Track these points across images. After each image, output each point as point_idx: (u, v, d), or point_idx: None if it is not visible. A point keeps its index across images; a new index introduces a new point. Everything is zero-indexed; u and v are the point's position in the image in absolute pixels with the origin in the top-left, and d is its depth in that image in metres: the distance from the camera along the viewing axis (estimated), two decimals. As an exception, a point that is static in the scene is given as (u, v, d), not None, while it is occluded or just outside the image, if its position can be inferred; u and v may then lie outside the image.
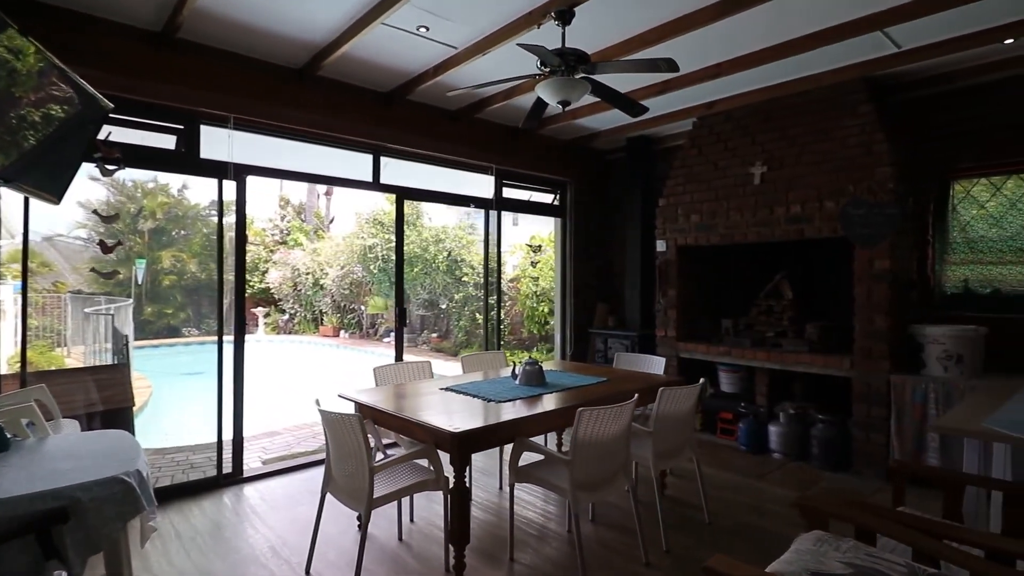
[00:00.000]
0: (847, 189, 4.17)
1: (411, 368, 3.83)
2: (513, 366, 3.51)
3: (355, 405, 3.10)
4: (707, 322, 5.38)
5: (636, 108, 3.39)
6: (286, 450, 5.04)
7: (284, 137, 4.24)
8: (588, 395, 3.16)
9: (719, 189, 4.97)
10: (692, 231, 5.13)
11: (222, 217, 3.91)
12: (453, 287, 11.19)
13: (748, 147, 4.83)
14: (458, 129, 5.13)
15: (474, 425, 2.52)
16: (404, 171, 5.02)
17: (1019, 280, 3.99)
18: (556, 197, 6.34)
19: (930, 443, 3.78)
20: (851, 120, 4.24)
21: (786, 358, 4.49)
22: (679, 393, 3.10)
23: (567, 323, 6.27)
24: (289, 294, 15.52)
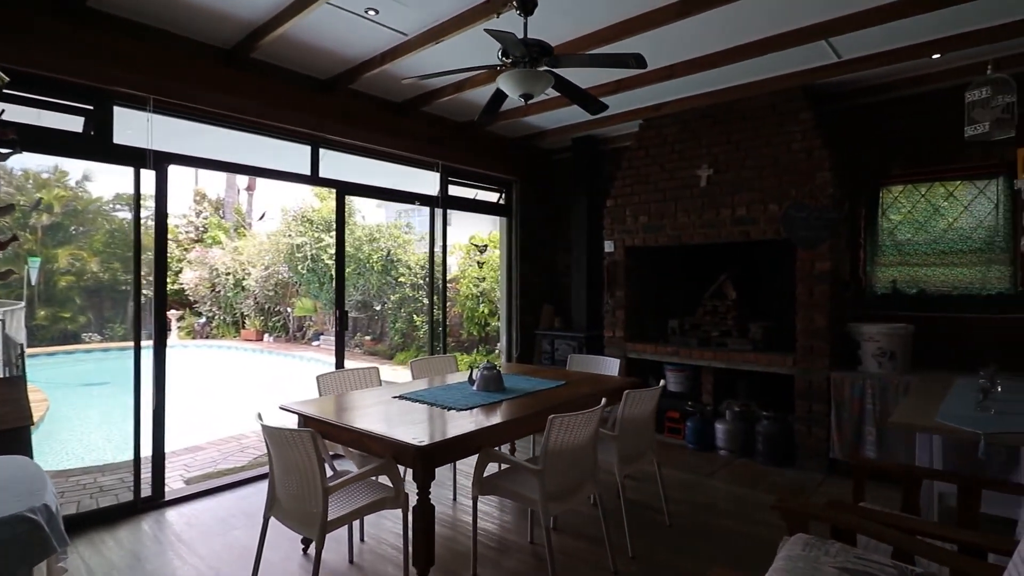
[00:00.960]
0: (789, 193, 4.31)
1: (357, 375, 3.57)
2: (470, 371, 3.34)
3: (299, 418, 2.83)
4: (653, 322, 5.43)
5: (596, 105, 3.32)
6: (212, 467, 4.60)
7: (212, 123, 3.85)
8: (550, 400, 3.04)
9: (667, 190, 5.02)
10: (640, 232, 5.16)
11: (139, 210, 3.47)
12: (388, 288, 10.81)
13: (694, 150, 4.91)
14: (403, 123, 4.89)
15: (439, 437, 2.33)
16: (345, 165, 4.71)
17: (942, 281, 4.28)
18: (502, 196, 6.21)
19: (867, 437, 3.96)
20: (792, 126, 4.39)
21: (732, 357, 4.59)
22: (643, 396, 3.05)
23: (513, 324, 6.15)
24: (207, 296, 14.48)
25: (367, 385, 3.56)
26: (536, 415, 2.78)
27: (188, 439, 5.36)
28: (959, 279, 4.22)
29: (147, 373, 3.56)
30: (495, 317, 9.07)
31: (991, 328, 4.04)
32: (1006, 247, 4.05)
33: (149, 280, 3.77)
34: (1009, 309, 4.00)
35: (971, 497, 2.31)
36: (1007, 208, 4.06)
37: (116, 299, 12.72)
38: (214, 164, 3.84)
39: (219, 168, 3.87)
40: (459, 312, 9.82)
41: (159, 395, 3.60)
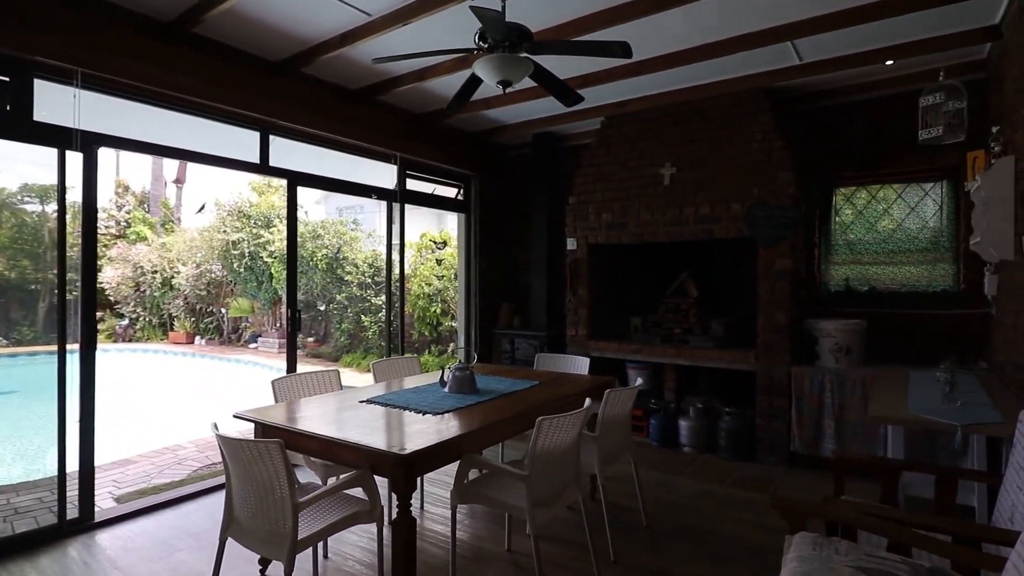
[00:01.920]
0: (751, 192, 4.38)
1: (316, 379, 3.31)
2: (442, 372, 3.16)
3: (256, 427, 2.57)
4: (615, 320, 5.42)
5: (572, 96, 3.22)
6: (146, 482, 4.19)
7: (150, 103, 3.48)
8: (529, 401, 2.91)
9: (630, 188, 5.00)
10: (603, 230, 5.12)
11: (64, 197, 3.07)
12: (334, 287, 10.36)
13: (657, 148, 4.92)
14: (359, 111, 4.63)
15: (421, 443, 2.15)
16: (297, 154, 4.41)
17: (891, 279, 4.47)
18: (460, 192, 6.04)
19: (826, 430, 4.07)
20: (753, 127, 4.47)
21: (695, 354, 4.62)
22: (624, 395, 2.97)
23: (472, 324, 5.99)
24: (130, 296, 13.45)
25: (327, 389, 3.31)
26: (518, 417, 2.65)
27: (116, 451, 4.87)
28: (907, 277, 4.42)
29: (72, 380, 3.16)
30: (448, 317, 8.86)
31: (937, 323, 4.25)
32: (949, 247, 4.27)
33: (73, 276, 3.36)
34: (953, 306, 4.21)
35: (948, 487, 2.37)
36: (950, 210, 4.29)
37: (24, 300, 11.55)
38: (152, 148, 3.48)
39: (158, 153, 3.51)
40: (410, 312, 9.53)
41: (87, 404, 3.21)
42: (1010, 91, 3.20)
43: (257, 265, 11.46)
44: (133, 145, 3.39)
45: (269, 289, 11.64)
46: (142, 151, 3.42)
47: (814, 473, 4.09)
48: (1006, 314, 3.27)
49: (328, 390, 3.31)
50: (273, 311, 12.21)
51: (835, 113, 4.65)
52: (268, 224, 11.46)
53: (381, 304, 9.67)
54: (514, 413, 2.67)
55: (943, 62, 3.94)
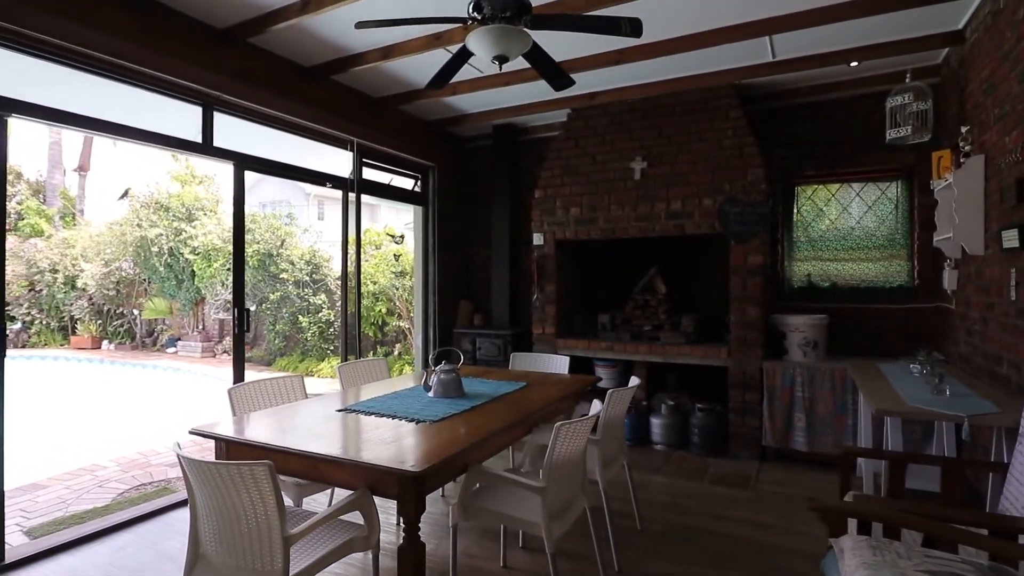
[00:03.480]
0: (723, 188, 4.38)
1: (278, 387, 2.93)
2: (425, 375, 2.87)
3: (218, 444, 2.19)
4: (582, 318, 5.29)
5: (564, 79, 3.03)
6: (62, 510, 3.61)
7: (74, 66, 2.95)
8: (525, 404, 2.70)
9: (599, 183, 4.89)
10: (571, 225, 4.97)
11: (-35, 170, 2.53)
12: (267, 285, 9.65)
13: (626, 142, 4.83)
14: (313, 91, 4.22)
15: (429, 457, 1.88)
16: (244, 136, 3.95)
17: (851, 275, 4.61)
18: (418, 183, 5.71)
19: (797, 423, 4.12)
20: (724, 123, 4.47)
21: (667, 351, 4.57)
22: (625, 394, 2.82)
23: (430, 323, 5.67)
24: (23, 296, 11.98)
25: (292, 398, 2.94)
26: (517, 422, 2.43)
27: (20, 475, 4.19)
28: (866, 273, 4.57)
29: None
30: (394, 316, 8.45)
31: (894, 317, 4.42)
32: (905, 244, 4.45)
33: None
34: (909, 300, 4.39)
35: (954, 478, 2.38)
36: (905, 208, 4.47)
37: None
38: (78, 120, 2.94)
39: (84, 126, 2.98)
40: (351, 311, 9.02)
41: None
42: (977, 92, 3.33)
43: (177, 263, 10.50)
44: (54, 115, 2.86)
45: (191, 288, 10.70)
46: (65, 123, 2.89)
47: (786, 466, 4.13)
48: (972, 307, 3.40)
49: (292, 398, 2.94)
50: (195, 312, 11.24)
51: (797, 112, 4.74)
52: (190, 217, 10.53)
53: (320, 303, 9.11)
54: (513, 418, 2.44)
55: (899, 66, 4.09)
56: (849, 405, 3.97)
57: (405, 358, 8.20)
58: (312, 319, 9.03)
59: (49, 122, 2.83)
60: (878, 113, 4.42)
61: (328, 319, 9.04)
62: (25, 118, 2.71)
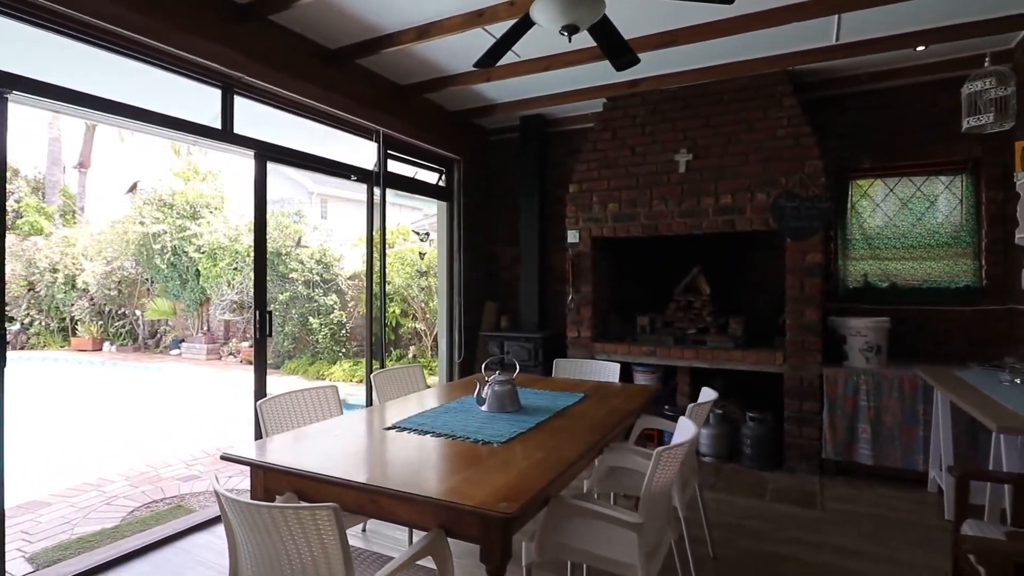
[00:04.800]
0: (778, 181, 4.07)
1: (312, 400, 2.62)
2: (478, 387, 2.56)
3: (257, 473, 1.89)
4: (617, 320, 4.98)
5: (630, 56, 2.73)
6: (66, 531, 3.30)
7: (79, 38, 2.64)
8: (592, 420, 2.40)
9: (639, 176, 4.58)
10: (609, 221, 4.67)
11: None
12: (275, 286, 9.33)
13: (669, 133, 4.53)
14: (337, 77, 3.90)
15: (518, 493, 1.58)
16: (264, 122, 3.64)
17: (912, 275, 4.30)
18: (442, 177, 5.40)
19: (861, 435, 3.82)
20: (777, 112, 4.16)
21: (716, 356, 4.26)
22: (704, 408, 2.52)
23: (455, 325, 5.36)
24: (22, 296, 11.66)
25: (327, 411, 2.63)
26: (594, 444, 2.12)
27: (21, 491, 3.88)
28: (928, 273, 4.27)
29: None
30: (408, 318, 8.14)
31: (960, 320, 4.12)
32: (971, 241, 4.15)
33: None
34: (976, 302, 4.09)
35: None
36: (971, 204, 4.17)
37: None
38: (87, 100, 2.62)
39: (94, 107, 2.66)
40: (363, 312, 8.71)
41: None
42: (1077, 74, 3.03)
43: (181, 261, 10.18)
44: (61, 95, 2.53)
45: (195, 288, 10.38)
46: (74, 104, 2.56)
47: (849, 481, 3.82)
48: (1069, 310, 3.10)
49: (328, 412, 2.63)
50: (199, 313, 10.92)
51: (853, 101, 4.44)
52: (195, 215, 10.21)
53: (332, 304, 8.79)
54: (587, 438, 2.13)
55: (967, 51, 3.80)
56: (919, 415, 3.67)
57: (421, 360, 7.89)
58: (323, 320, 8.71)
59: (55, 101, 2.51)
60: (942, 102, 4.14)
61: (340, 320, 8.73)
62: (28, 96, 2.40)
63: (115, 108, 2.77)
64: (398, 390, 3.16)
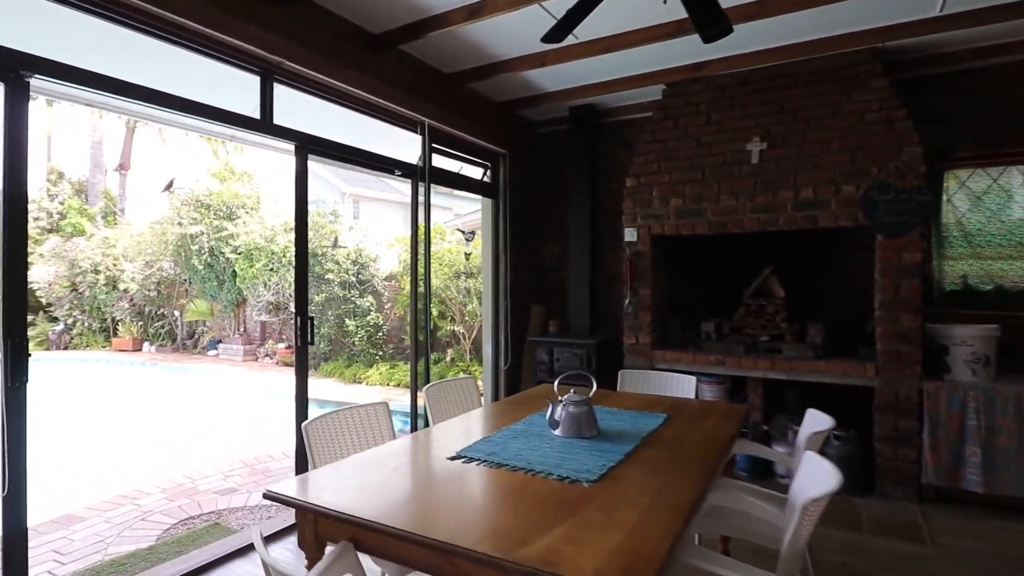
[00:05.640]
0: (869, 171, 3.64)
1: (360, 418, 2.33)
2: (551, 408, 2.22)
3: (306, 517, 1.59)
4: (678, 326, 4.59)
5: (723, 25, 2.36)
6: (100, 551, 3.10)
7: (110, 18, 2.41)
8: (689, 450, 2.05)
9: (706, 168, 4.19)
10: (671, 218, 4.29)
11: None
12: (311, 287, 9.19)
13: (738, 120, 4.13)
14: (379, 63, 3.63)
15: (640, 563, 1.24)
16: (304, 112, 3.38)
17: (1021, 276, 3.81)
18: (487, 173, 5.09)
19: (969, 458, 3.36)
20: (865, 94, 3.73)
21: (794, 366, 3.84)
22: (819, 438, 2.14)
23: (501, 330, 5.05)
24: (65, 297, 11.80)
25: (378, 432, 2.34)
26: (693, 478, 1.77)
27: (55, 503, 3.72)
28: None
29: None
30: (446, 320, 7.87)
31: (1083, 328, 3.62)
32: (1094, 238, 3.64)
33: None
34: (1102, 307, 3.59)
35: None
36: (1095, 194, 3.66)
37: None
38: (114, 85, 2.38)
39: (122, 93, 2.42)
40: (400, 314, 8.49)
41: (15, 425, 2.13)
42: None
43: (218, 262, 10.14)
44: (85, 78, 2.30)
45: (232, 289, 10.33)
46: (98, 88, 2.33)
47: (955, 511, 3.37)
48: None
49: (379, 433, 2.34)
50: (236, 314, 10.88)
51: (948, 82, 3.96)
52: (231, 215, 10.16)
53: (368, 306, 8.60)
54: (694, 474, 1.78)
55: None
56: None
57: (459, 364, 7.61)
58: (359, 322, 8.52)
59: (82, 87, 2.28)
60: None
61: (376, 322, 8.52)
62: (52, 81, 2.16)
63: (151, 95, 2.53)
64: (452, 405, 2.85)
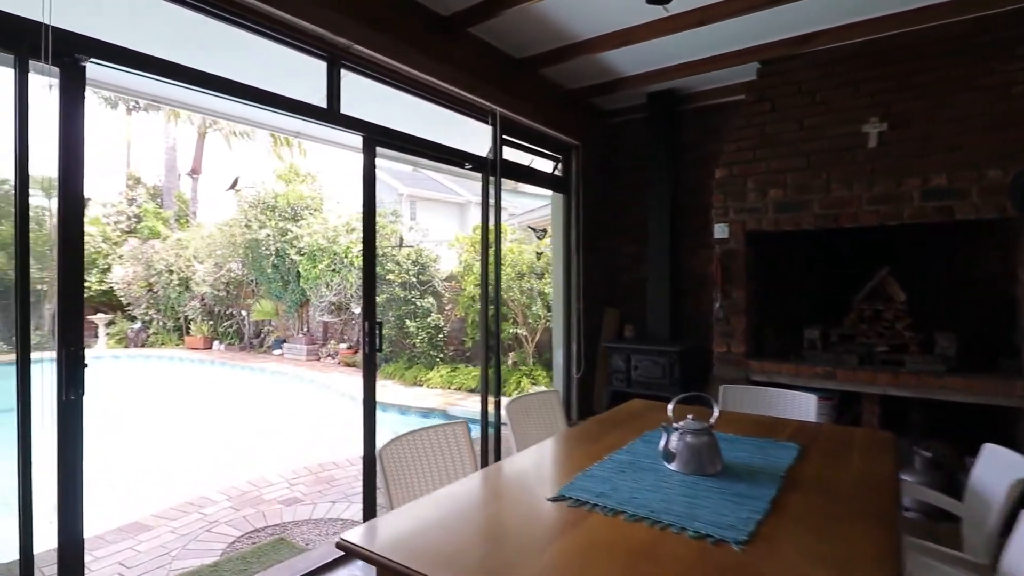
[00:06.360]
0: (1017, 153, 3.07)
1: (439, 440, 2.04)
2: (664, 437, 1.86)
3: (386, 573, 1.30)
4: (773, 333, 4.11)
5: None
6: (164, 565, 2.95)
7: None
8: (845, 493, 1.64)
9: (812, 155, 3.70)
10: (770, 211, 3.82)
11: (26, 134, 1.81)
12: (371, 287, 9.13)
13: (850, 99, 3.62)
14: (452, 47, 3.36)
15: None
16: (369, 104, 3.15)
17: None
18: (558, 166, 4.75)
19: None
20: (1007, 64, 3.17)
21: (923, 382, 3.31)
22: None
23: (573, 335, 4.69)
24: (142, 297, 12.29)
25: (459, 458, 2.05)
26: (895, 548, 1.37)
27: (119, 511, 3.66)
28: None
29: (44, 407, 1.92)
30: (508, 322, 7.59)
31: None
32: None
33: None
34: None
35: None
36: None
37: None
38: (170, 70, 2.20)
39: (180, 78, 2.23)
40: (460, 315, 8.28)
41: (70, 443, 1.96)
42: None
43: (284, 263, 10.26)
44: (144, 63, 2.12)
45: (296, 290, 10.45)
46: (154, 73, 2.14)
47: None
48: None
49: (460, 459, 2.05)
50: (300, 314, 11.01)
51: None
52: (295, 217, 10.26)
53: (429, 307, 8.43)
54: (874, 535, 1.38)
55: None
56: None
57: (523, 368, 7.31)
58: (420, 323, 8.36)
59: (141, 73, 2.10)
60: None
61: (437, 324, 8.34)
62: (106, 64, 1.98)
63: (214, 83, 2.34)
64: (535, 423, 2.54)
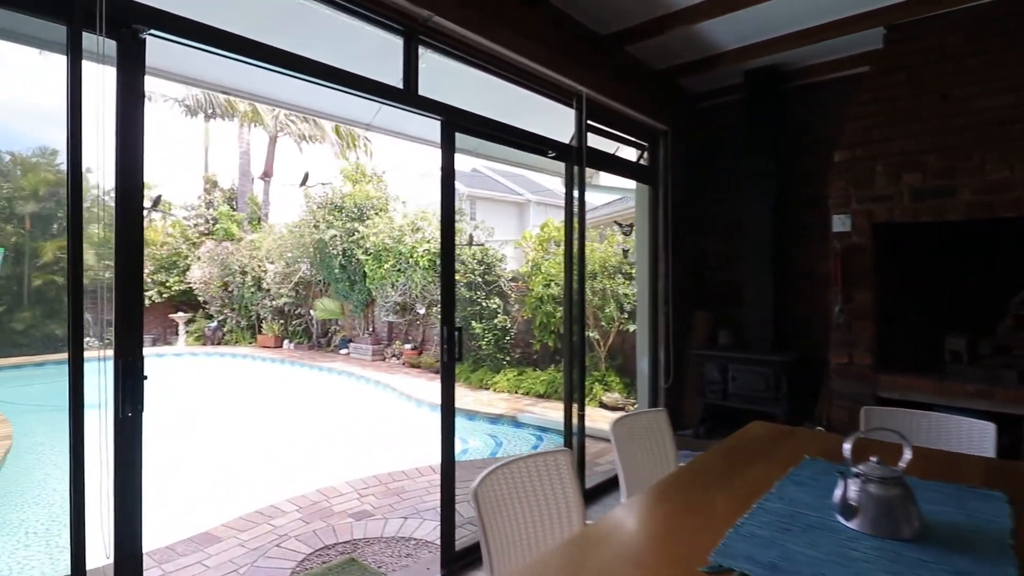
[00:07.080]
0: None
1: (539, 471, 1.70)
2: (842, 484, 1.43)
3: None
4: (904, 342, 3.53)
5: None
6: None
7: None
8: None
9: (957, 133, 3.12)
10: (905, 199, 3.26)
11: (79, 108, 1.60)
12: (437, 287, 8.96)
13: (1008, 66, 3.02)
14: (536, 19, 3.02)
15: None
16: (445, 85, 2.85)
17: None
18: (643, 154, 4.33)
19: None
20: None
21: (1117, 406, 2.68)
22: None
23: (661, 341, 4.25)
24: (218, 296, 12.72)
25: (562, 497, 1.69)
26: None
27: (189, 520, 3.55)
28: None
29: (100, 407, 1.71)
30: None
31: None
32: None
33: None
34: None
35: None
36: None
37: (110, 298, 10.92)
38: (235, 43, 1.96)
39: (246, 53, 1.99)
40: (527, 316, 7.95)
41: (127, 450, 1.75)
42: None
43: (351, 263, 10.28)
44: (205, 35, 1.89)
45: (363, 290, 10.45)
46: (220, 47, 1.91)
47: None
48: None
49: (564, 497, 1.70)
50: (365, 314, 11.03)
51: None
52: (362, 217, 10.26)
53: (495, 308, 8.16)
54: None
55: None
56: None
57: (595, 374, 6.90)
58: (487, 325, 8.10)
59: (206, 47, 1.88)
60: None
61: (504, 325, 8.06)
62: (166, 37, 1.76)
63: (285, 59, 2.10)
64: (642, 447, 2.16)
